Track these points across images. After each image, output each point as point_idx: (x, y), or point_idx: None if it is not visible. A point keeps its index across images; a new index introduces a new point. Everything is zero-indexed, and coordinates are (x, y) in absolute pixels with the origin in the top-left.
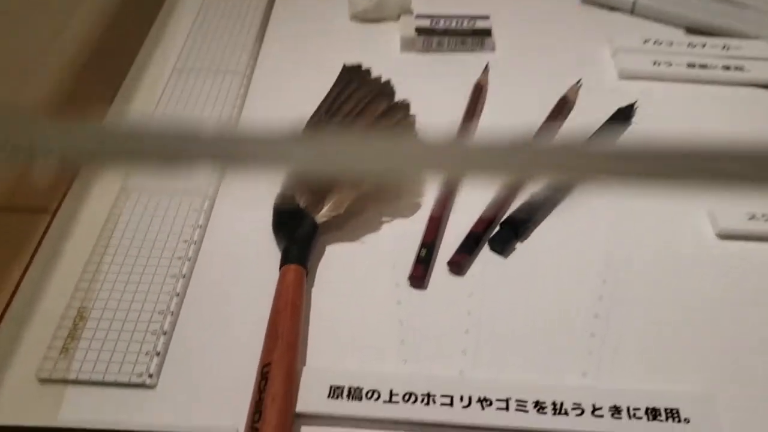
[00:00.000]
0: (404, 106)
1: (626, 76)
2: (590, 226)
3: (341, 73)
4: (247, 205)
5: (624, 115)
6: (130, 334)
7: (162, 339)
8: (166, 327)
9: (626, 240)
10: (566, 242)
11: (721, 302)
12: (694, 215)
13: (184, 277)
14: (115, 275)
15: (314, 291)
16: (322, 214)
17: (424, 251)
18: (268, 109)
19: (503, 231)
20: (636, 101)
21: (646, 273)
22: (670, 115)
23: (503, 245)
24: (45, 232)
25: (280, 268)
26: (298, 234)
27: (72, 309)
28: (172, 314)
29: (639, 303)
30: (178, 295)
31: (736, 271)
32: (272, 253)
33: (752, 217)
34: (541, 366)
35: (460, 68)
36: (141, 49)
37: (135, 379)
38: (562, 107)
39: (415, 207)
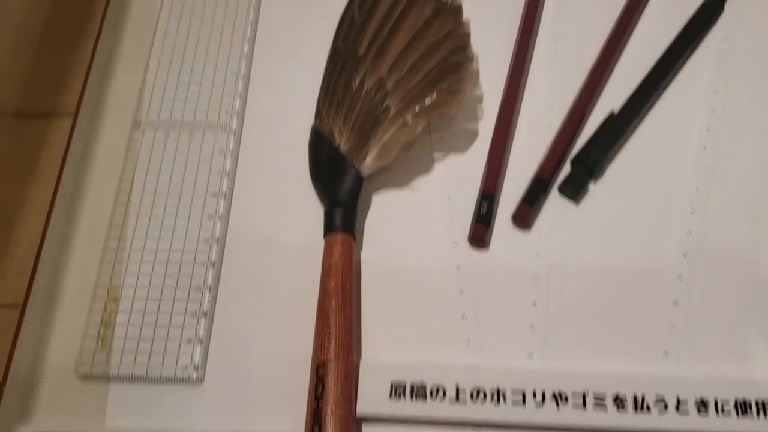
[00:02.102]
0: (455, 9)
1: None
2: (676, 153)
3: None
4: (279, 142)
5: (715, 1)
6: (168, 316)
7: (203, 322)
8: (205, 307)
9: (721, 172)
10: (647, 179)
11: None
12: None
13: (218, 242)
14: (142, 242)
15: (362, 256)
16: (368, 165)
17: (485, 205)
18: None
19: (574, 171)
20: None
21: (745, 219)
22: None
23: (575, 189)
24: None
25: (324, 235)
26: (342, 193)
27: (101, 287)
28: (210, 290)
29: (733, 261)
30: (213, 265)
31: None
32: (312, 200)
33: None
34: (618, 343)
35: None
36: None
37: (180, 374)
38: None
39: (471, 135)
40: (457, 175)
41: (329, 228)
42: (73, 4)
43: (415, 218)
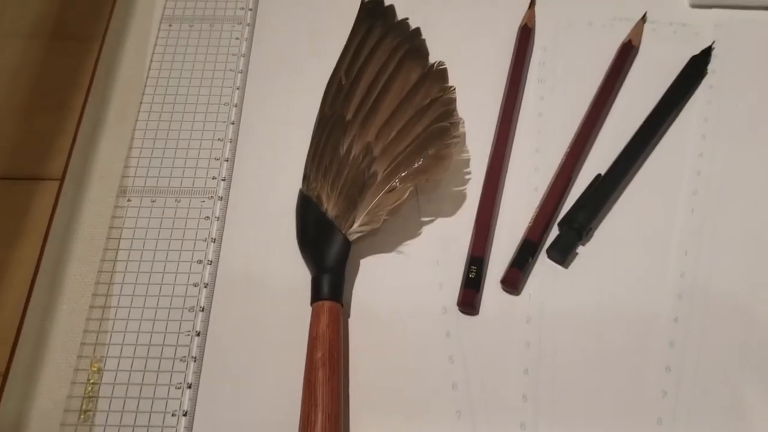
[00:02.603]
0: (440, 73)
1: (700, 3)
2: (664, 215)
3: (360, 12)
4: (266, 207)
5: (699, 65)
6: (152, 388)
7: (188, 394)
8: (190, 378)
9: (709, 236)
10: (636, 242)
11: None
12: None
13: (203, 311)
14: (126, 311)
15: (350, 322)
16: (355, 230)
17: (473, 270)
18: (279, 62)
19: (562, 235)
20: (712, 44)
21: (734, 283)
22: (756, 57)
23: (563, 252)
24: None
25: (311, 302)
26: (329, 259)
27: (84, 358)
28: (195, 360)
29: (725, 325)
30: (198, 335)
31: None
32: (300, 265)
33: None
34: (611, 411)
35: None
36: None
37: None
38: (627, 54)
39: (459, 197)
40: (445, 238)
41: (316, 296)
42: (61, 68)
43: (404, 283)
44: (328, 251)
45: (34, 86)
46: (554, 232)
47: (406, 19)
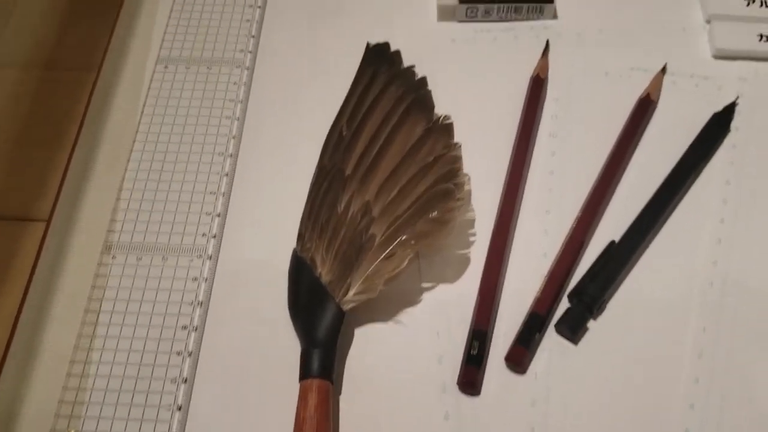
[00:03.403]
0: (446, 128)
1: (724, 55)
2: (683, 287)
3: (365, 55)
4: (257, 270)
5: (721, 122)
6: None
7: None
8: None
9: (730, 310)
10: (653, 316)
11: None
12: None
13: (185, 382)
14: (105, 380)
15: (341, 400)
16: (350, 299)
17: (476, 345)
18: (278, 109)
19: (572, 308)
20: (736, 100)
21: (759, 361)
22: None
23: (573, 328)
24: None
25: (300, 379)
26: (321, 331)
27: (62, 418)
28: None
29: (748, 411)
30: (179, 409)
31: None
32: (291, 334)
33: None
34: None
35: (512, 44)
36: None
37: None
38: (645, 109)
39: (463, 262)
40: (446, 307)
41: (305, 373)
42: (51, 108)
43: (400, 356)
44: (319, 322)
45: (25, 118)
46: (564, 303)
47: (413, 66)
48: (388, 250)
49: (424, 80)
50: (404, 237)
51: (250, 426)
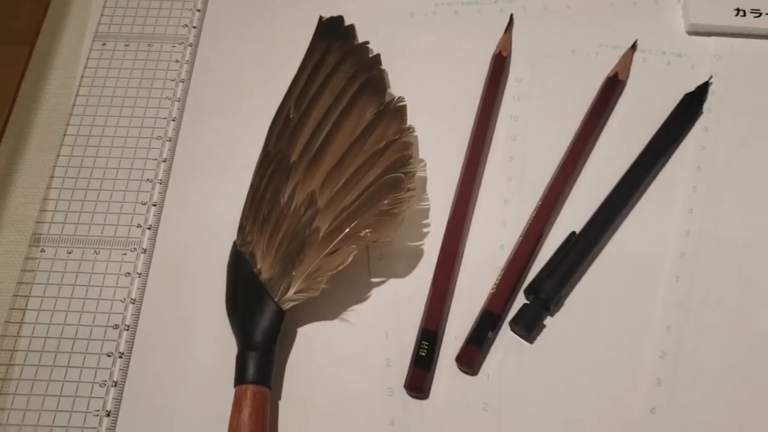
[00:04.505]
0: (398, 111)
1: (698, 31)
2: (646, 281)
3: (317, 30)
4: (195, 264)
5: (693, 104)
6: None
7: None
8: None
9: (696, 307)
10: (613, 313)
11: None
12: None
13: (115, 385)
14: (29, 385)
15: (280, 405)
16: (290, 298)
17: (425, 347)
18: (223, 89)
19: (528, 305)
20: (709, 80)
21: (724, 363)
22: (759, 95)
23: (528, 326)
24: None
25: (235, 384)
26: (258, 333)
27: None
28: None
29: (710, 412)
30: (109, 414)
31: None
32: (228, 334)
33: None
34: None
35: (475, 19)
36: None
37: None
38: (612, 89)
39: (416, 255)
40: (396, 305)
41: (240, 378)
42: None
43: (346, 358)
44: (257, 323)
45: None
46: (522, 299)
47: (367, 42)
48: (332, 245)
49: (377, 58)
50: (349, 231)
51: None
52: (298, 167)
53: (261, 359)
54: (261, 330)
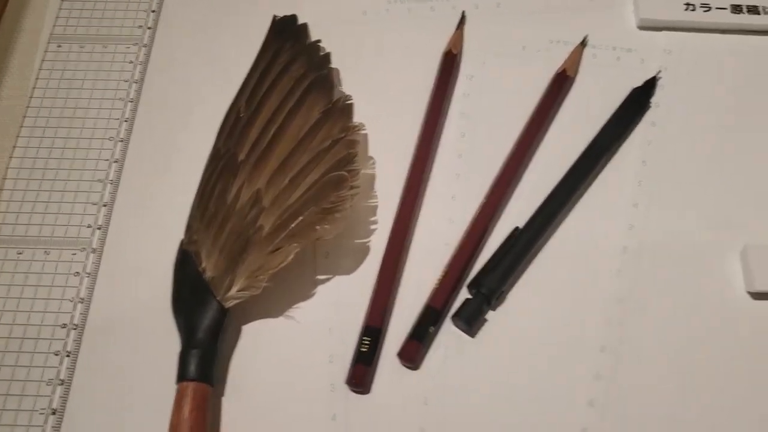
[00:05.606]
0: (345, 110)
1: (649, 25)
2: (588, 276)
3: (270, 29)
4: (144, 265)
5: (640, 98)
6: None
7: None
8: None
9: (637, 303)
10: (555, 307)
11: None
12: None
13: (62, 383)
14: None
15: (223, 402)
16: (232, 296)
17: (366, 343)
18: (176, 89)
19: (469, 299)
20: (657, 74)
21: (664, 360)
22: (707, 90)
23: (470, 320)
24: None
25: (176, 381)
26: (200, 331)
27: None
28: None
29: (649, 412)
30: (54, 413)
31: None
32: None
33: None
34: None
35: (428, 17)
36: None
37: None
38: (560, 85)
39: (362, 252)
40: (341, 302)
41: (181, 375)
42: None
43: (290, 355)
44: (200, 320)
45: None
46: (466, 295)
47: (318, 41)
48: (274, 244)
49: (327, 57)
50: (291, 229)
51: (128, 430)
52: (245, 166)
53: (202, 357)
54: (203, 328)
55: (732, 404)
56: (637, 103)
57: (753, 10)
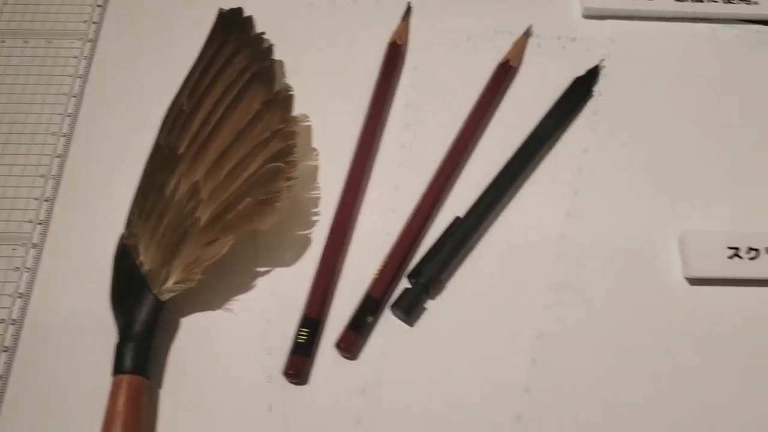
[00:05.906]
0: (284, 101)
1: (594, 14)
2: (529, 260)
3: (216, 23)
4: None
5: (583, 87)
6: None
7: None
8: None
9: (568, 289)
10: (495, 292)
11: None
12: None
13: (0, 378)
14: None
15: (161, 395)
16: (168, 289)
17: (304, 334)
18: (122, 84)
19: (408, 289)
20: (600, 63)
21: (601, 338)
22: (649, 78)
23: (408, 309)
24: None
25: (112, 374)
26: (136, 323)
27: None
28: None
29: (583, 395)
30: None
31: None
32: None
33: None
34: None
35: (373, 8)
36: None
37: None
38: (503, 75)
39: (303, 244)
40: (280, 293)
41: (117, 368)
42: None
43: (227, 347)
44: (136, 313)
45: None
46: (406, 284)
47: (263, 33)
48: (211, 235)
49: (270, 49)
50: (227, 220)
51: (64, 424)
52: (184, 159)
53: (138, 350)
54: (139, 321)
55: (668, 389)
56: (580, 91)
57: None
